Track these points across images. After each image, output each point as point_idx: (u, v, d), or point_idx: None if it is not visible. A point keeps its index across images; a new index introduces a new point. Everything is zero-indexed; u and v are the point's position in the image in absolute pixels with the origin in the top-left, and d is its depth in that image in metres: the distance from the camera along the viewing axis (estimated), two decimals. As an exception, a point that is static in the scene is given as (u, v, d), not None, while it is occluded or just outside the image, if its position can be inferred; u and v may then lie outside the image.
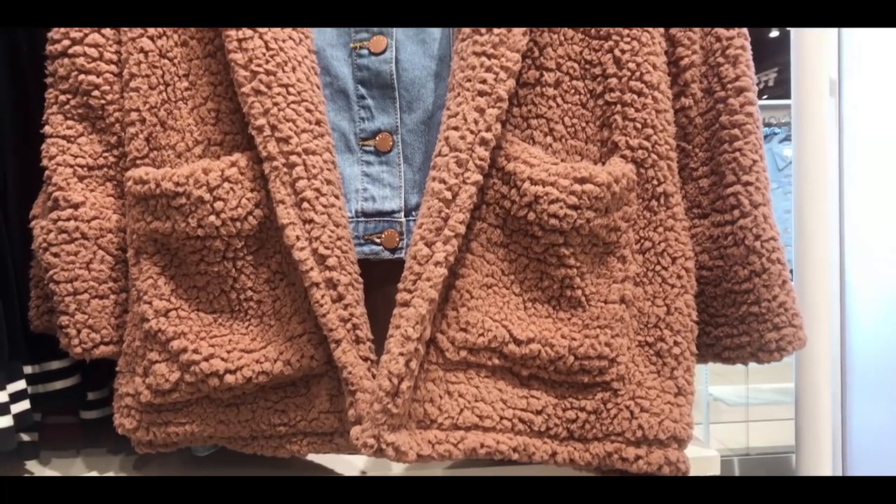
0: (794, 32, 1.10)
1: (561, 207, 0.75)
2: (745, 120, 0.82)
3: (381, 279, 0.83)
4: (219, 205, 0.76)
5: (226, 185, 0.76)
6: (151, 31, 0.79)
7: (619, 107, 0.79)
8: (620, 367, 0.77)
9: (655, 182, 0.80)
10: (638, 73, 0.79)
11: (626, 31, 0.79)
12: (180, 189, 0.76)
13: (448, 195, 0.74)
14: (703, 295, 0.85)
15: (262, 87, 0.75)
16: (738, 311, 0.83)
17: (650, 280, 0.80)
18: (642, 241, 0.81)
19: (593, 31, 0.80)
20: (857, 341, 1.20)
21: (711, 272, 0.84)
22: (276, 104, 0.75)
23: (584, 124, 0.81)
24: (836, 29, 1.24)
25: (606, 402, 0.77)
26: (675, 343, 0.79)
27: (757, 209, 0.82)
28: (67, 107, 0.82)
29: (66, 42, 0.80)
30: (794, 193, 1.06)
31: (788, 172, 3.83)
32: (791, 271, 0.97)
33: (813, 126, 1.05)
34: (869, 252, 1.19)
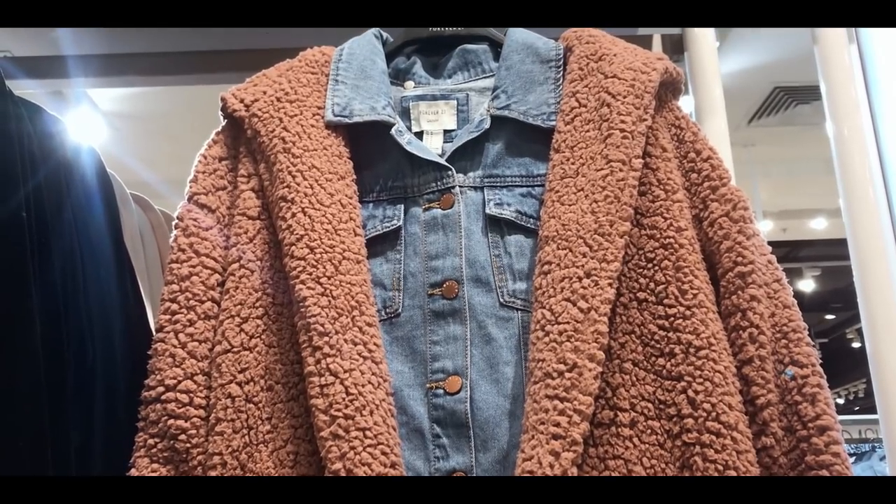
0: (870, 348, 1.10)
1: (645, 558, 0.71)
2: (832, 460, 0.79)
3: None
4: (290, 553, 0.75)
5: (299, 531, 0.75)
6: (240, 377, 0.84)
7: (697, 448, 0.78)
8: None
9: (745, 528, 0.75)
10: (714, 414, 0.78)
11: (697, 373, 0.80)
12: (253, 536, 0.75)
13: (524, 544, 0.71)
14: None
15: (340, 432, 0.77)
16: None
17: None
18: None
19: (664, 371, 0.81)
20: None
21: None
22: (352, 448, 0.76)
23: (663, 465, 0.79)
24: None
25: None
26: None
27: (861, 559, 0.76)
28: (154, 450, 0.85)
29: (161, 389, 0.85)
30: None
31: None
32: None
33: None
34: None
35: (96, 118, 3.55)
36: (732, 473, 0.77)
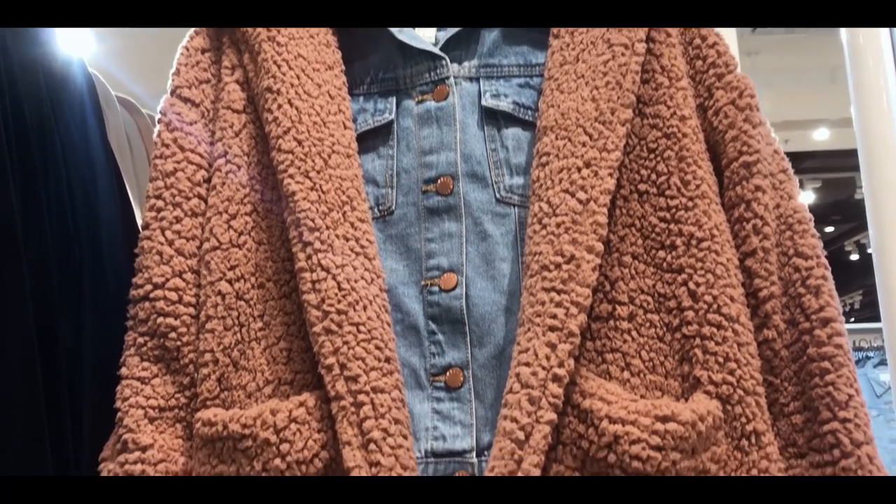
0: (875, 256, 1.08)
1: (643, 448, 0.70)
2: (834, 352, 0.77)
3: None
4: (285, 447, 0.74)
5: (293, 426, 0.75)
6: (230, 274, 0.82)
7: (698, 340, 0.76)
8: None
9: (744, 419, 0.75)
10: (715, 306, 0.76)
11: (698, 265, 0.78)
12: (247, 431, 0.75)
13: (521, 435, 0.70)
14: (810, 546, 0.76)
15: (333, 327, 0.75)
16: (853, 567, 0.74)
17: (748, 530, 0.73)
18: (735, 484, 0.74)
19: (665, 264, 0.79)
20: None
21: (816, 520, 0.76)
22: (346, 343, 0.75)
23: (662, 358, 0.78)
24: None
25: None
26: None
27: (860, 448, 0.75)
28: (144, 349, 0.83)
29: (149, 287, 0.84)
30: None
31: (888, 399, 3.62)
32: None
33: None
34: None
35: (84, 31, 3.45)
36: (733, 366, 0.75)
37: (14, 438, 0.79)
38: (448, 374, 0.81)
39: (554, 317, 0.73)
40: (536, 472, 0.69)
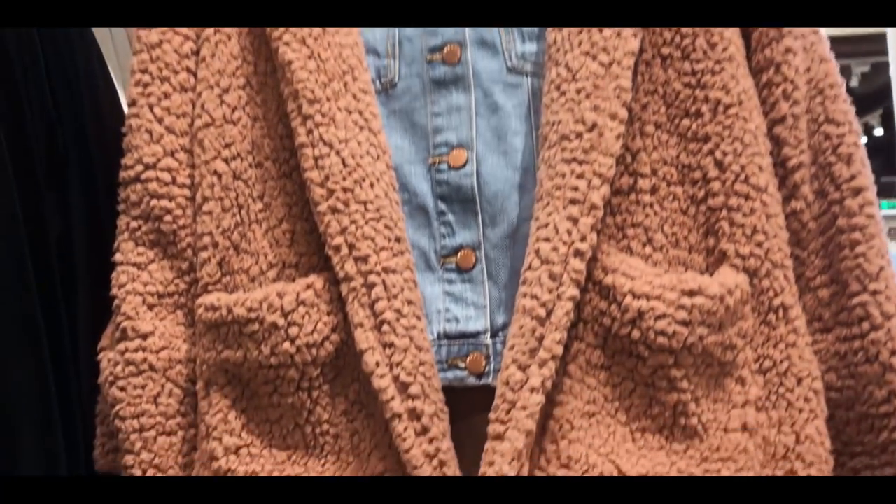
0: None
1: (669, 324, 0.67)
2: (865, 222, 0.74)
3: (466, 408, 0.76)
4: (293, 330, 0.71)
5: (301, 308, 0.72)
6: (226, 153, 0.77)
7: (724, 212, 0.73)
8: (748, 508, 0.67)
9: (772, 293, 0.72)
10: (743, 176, 0.72)
11: (726, 133, 0.73)
12: (253, 315, 0.71)
13: (542, 312, 0.67)
14: (834, 420, 0.75)
15: (339, 205, 0.71)
16: (878, 439, 0.73)
17: (774, 404, 0.71)
18: (762, 359, 0.72)
19: (690, 133, 0.75)
20: None
21: (841, 394, 0.75)
22: (353, 222, 0.71)
23: (686, 232, 0.74)
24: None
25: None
26: (810, 478, 0.69)
27: (890, 321, 0.73)
28: (139, 233, 0.79)
29: (139, 167, 0.79)
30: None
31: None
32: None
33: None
34: None
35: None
36: (761, 238, 0.72)
37: (7, 334, 0.76)
38: (459, 255, 0.77)
39: (575, 189, 0.69)
40: (559, 350, 0.66)
